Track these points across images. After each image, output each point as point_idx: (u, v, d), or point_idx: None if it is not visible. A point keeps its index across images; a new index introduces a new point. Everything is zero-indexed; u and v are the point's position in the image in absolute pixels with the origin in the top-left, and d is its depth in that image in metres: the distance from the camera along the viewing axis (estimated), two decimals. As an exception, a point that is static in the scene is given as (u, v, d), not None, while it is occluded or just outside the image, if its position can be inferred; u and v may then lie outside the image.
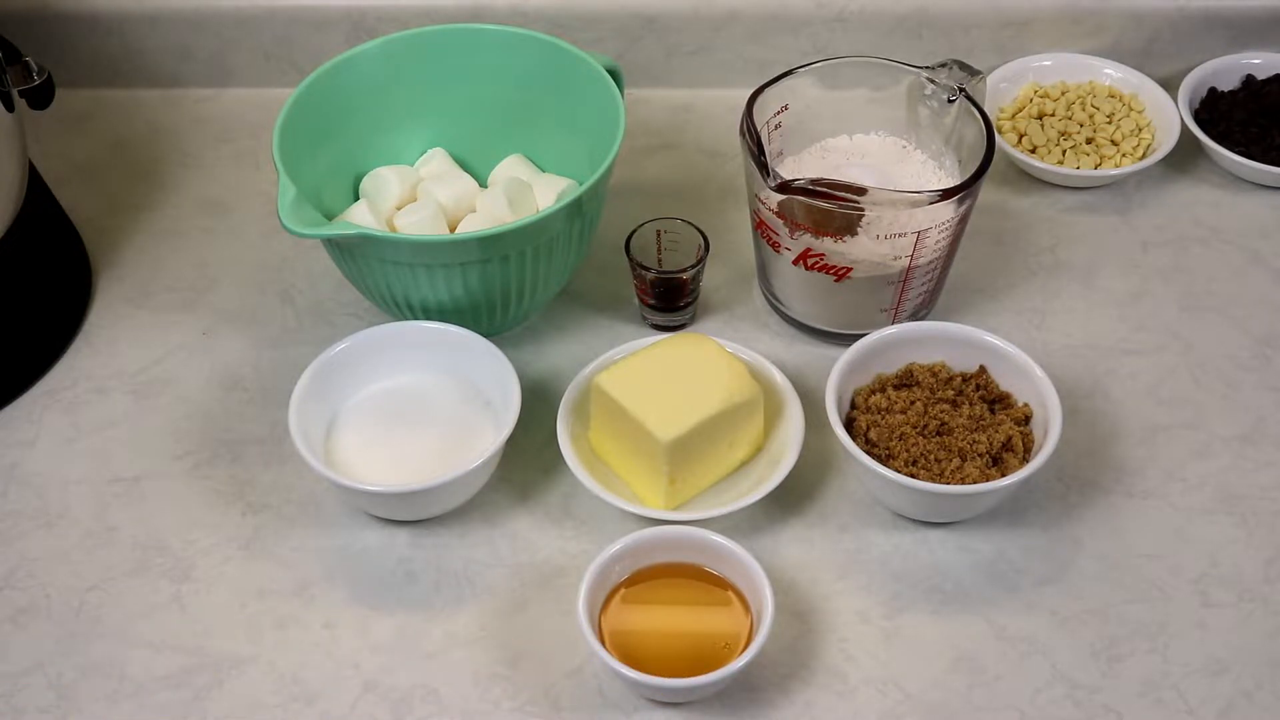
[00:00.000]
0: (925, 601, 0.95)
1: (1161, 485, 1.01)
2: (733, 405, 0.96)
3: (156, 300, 1.14)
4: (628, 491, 0.98)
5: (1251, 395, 1.06)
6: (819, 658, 0.92)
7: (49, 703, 0.90)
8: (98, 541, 0.99)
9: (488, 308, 1.04)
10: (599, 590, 0.90)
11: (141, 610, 0.95)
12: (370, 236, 0.98)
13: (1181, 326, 1.10)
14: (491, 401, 1.01)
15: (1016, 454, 0.97)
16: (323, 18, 1.27)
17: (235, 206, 1.21)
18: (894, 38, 1.26)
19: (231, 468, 1.03)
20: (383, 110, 1.12)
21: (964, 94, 1.04)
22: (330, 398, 1.01)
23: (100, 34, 1.28)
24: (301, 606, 0.95)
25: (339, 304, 1.13)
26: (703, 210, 1.16)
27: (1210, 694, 0.90)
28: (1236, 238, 1.17)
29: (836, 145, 1.09)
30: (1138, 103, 1.24)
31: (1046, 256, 1.15)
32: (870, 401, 1.00)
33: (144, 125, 1.29)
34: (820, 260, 1.02)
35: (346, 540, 0.98)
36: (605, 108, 1.06)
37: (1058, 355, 1.08)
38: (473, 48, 1.12)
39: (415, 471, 0.96)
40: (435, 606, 0.95)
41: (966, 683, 0.91)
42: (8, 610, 0.95)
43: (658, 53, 1.28)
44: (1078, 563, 0.96)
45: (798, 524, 0.99)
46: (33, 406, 1.07)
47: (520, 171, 1.12)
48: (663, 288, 1.08)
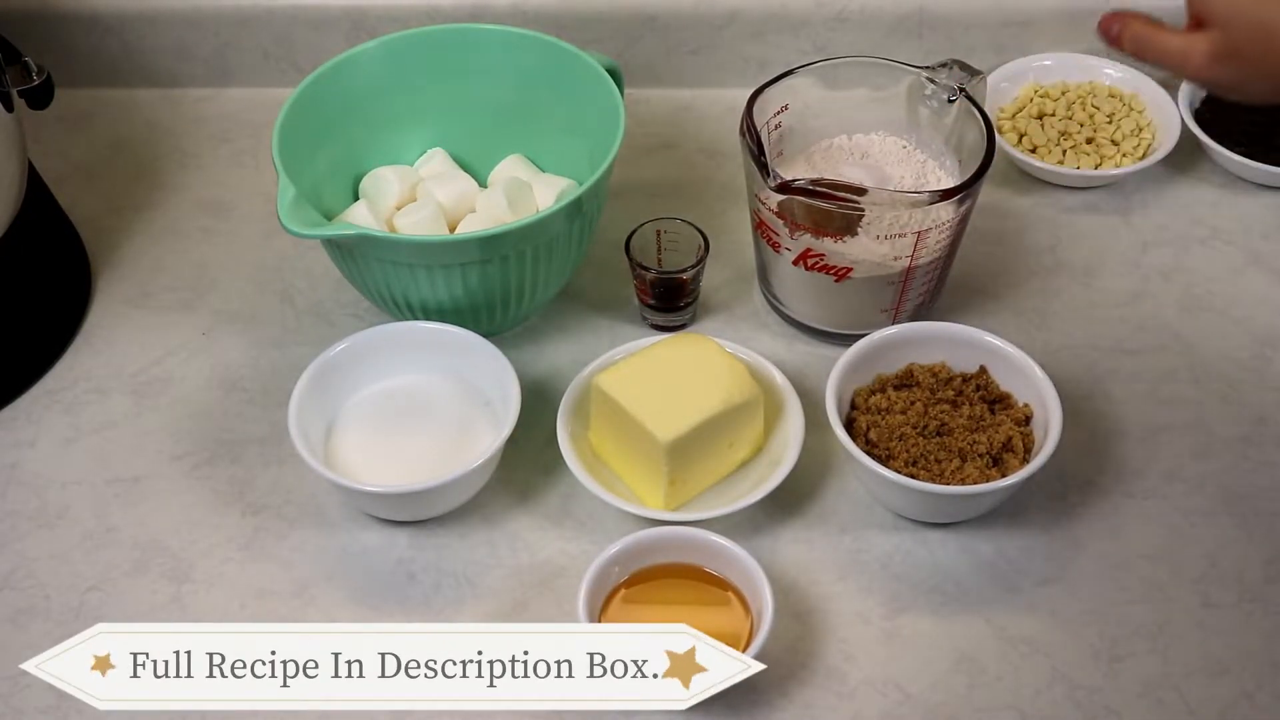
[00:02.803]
0: (925, 602, 0.94)
1: (1161, 485, 1.00)
2: (733, 405, 0.96)
3: (156, 300, 1.14)
4: (628, 492, 0.98)
5: (1251, 395, 1.06)
6: (819, 658, 0.92)
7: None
8: (98, 541, 0.99)
9: (488, 308, 1.04)
10: (599, 591, 0.90)
11: (141, 610, 0.95)
12: (370, 237, 0.98)
13: (1181, 326, 1.10)
14: (491, 401, 1.01)
15: (1016, 454, 0.97)
16: (323, 18, 1.27)
17: (235, 206, 1.21)
18: (894, 38, 1.26)
19: (231, 468, 1.02)
20: (383, 110, 1.12)
21: (964, 94, 1.03)
22: (330, 398, 1.01)
23: (100, 34, 1.28)
24: (301, 607, 0.95)
25: (339, 304, 1.13)
26: (703, 210, 1.16)
27: (1210, 695, 0.90)
28: (1236, 238, 1.16)
29: (836, 145, 1.09)
30: (1138, 102, 1.24)
31: (1047, 256, 1.15)
32: (870, 402, 1.00)
33: (144, 125, 1.29)
34: (820, 260, 1.02)
35: (346, 541, 0.98)
36: (605, 108, 1.06)
37: (1058, 355, 1.08)
38: (473, 48, 1.12)
39: (415, 472, 0.96)
40: (435, 607, 0.95)
41: (967, 683, 0.91)
42: (8, 610, 0.95)
43: (658, 53, 1.28)
44: (1078, 563, 0.96)
45: (798, 524, 0.99)
46: (32, 406, 1.07)
47: (520, 171, 1.12)
48: (663, 288, 1.08)
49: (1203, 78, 0.86)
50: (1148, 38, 0.86)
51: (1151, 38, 0.86)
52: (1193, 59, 0.84)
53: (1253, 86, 0.85)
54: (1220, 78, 0.85)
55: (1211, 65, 0.83)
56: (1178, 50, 0.85)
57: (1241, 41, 0.82)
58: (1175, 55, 0.85)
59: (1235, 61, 0.83)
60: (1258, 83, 0.84)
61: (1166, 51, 0.85)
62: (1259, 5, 0.81)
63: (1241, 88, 0.86)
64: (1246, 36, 0.82)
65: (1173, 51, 0.85)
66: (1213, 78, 0.85)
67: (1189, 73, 0.86)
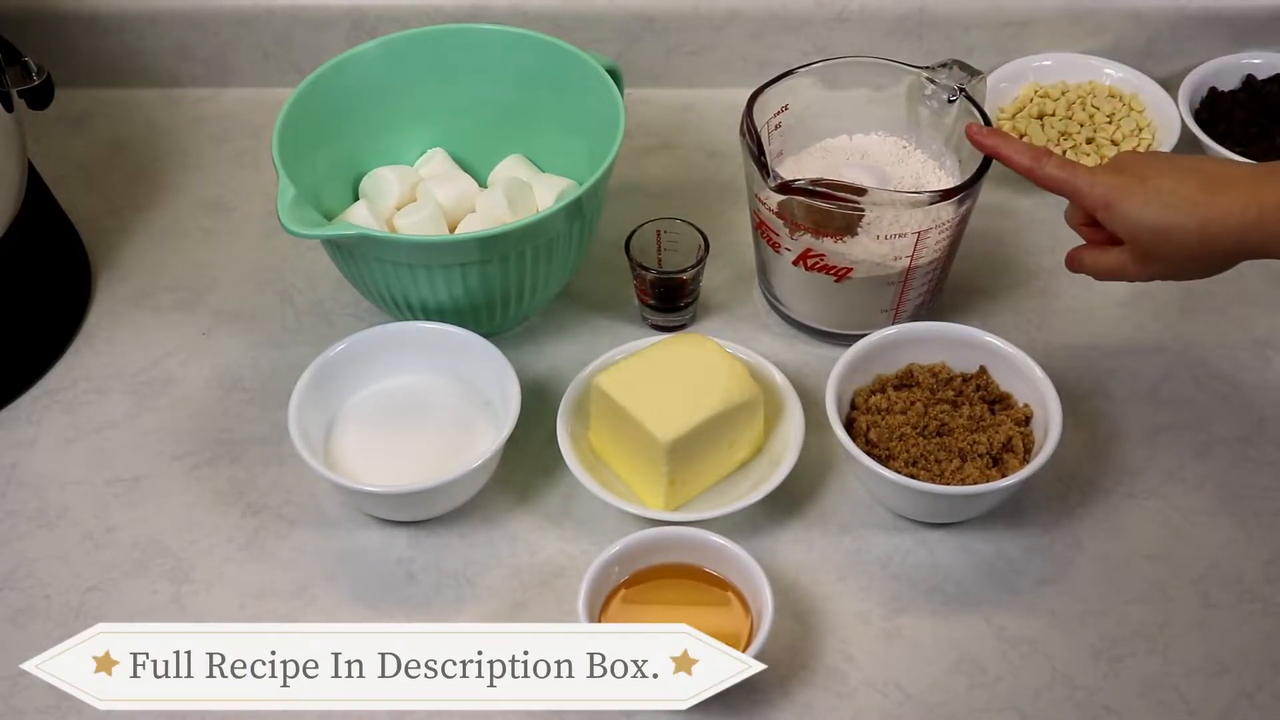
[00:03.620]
0: (925, 602, 0.94)
1: (1161, 485, 1.00)
2: (733, 406, 0.96)
3: (156, 300, 1.14)
4: (628, 492, 0.98)
5: (1251, 395, 1.06)
6: (819, 658, 0.92)
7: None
8: (97, 542, 0.99)
9: (488, 308, 1.04)
10: (599, 591, 0.90)
11: (141, 610, 0.95)
12: (370, 237, 0.98)
13: (1182, 326, 1.10)
14: (491, 402, 1.01)
15: (1016, 454, 0.97)
16: (323, 18, 1.27)
17: (235, 206, 1.21)
18: (894, 38, 1.26)
19: (231, 468, 1.02)
20: (383, 110, 1.12)
21: (964, 94, 1.03)
22: (330, 398, 1.01)
23: (100, 34, 1.28)
24: (301, 607, 0.95)
25: (339, 304, 1.13)
26: (703, 210, 1.16)
27: (1210, 695, 0.90)
28: (1237, 238, 1.16)
29: (836, 145, 1.09)
30: (1138, 103, 1.24)
31: (1047, 257, 1.15)
32: (870, 402, 1.00)
33: (144, 125, 1.29)
34: (820, 260, 1.02)
35: (346, 541, 0.98)
36: (605, 108, 1.06)
37: (1058, 355, 1.08)
38: (473, 48, 1.12)
39: (415, 472, 0.96)
40: (435, 607, 0.95)
41: (967, 683, 0.91)
42: (8, 610, 0.95)
43: (658, 53, 1.28)
44: (1078, 563, 0.96)
45: (798, 524, 0.99)
46: (32, 407, 1.07)
47: (520, 171, 1.12)
48: (663, 288, 1.08)
49: (1145, 280, 0.95)
50: (1088, 261, 0.96)
51: (1091, 260, 0.96)
52: (1129, 271, 0.93)
53: (1189, 272, 0.93)
54: (1158, 275, 0.94)
55: (1143, 271, 0.93)
56: (1117, 266, 0.94)
57: (1150, 248, 0.91)
58: (1116, 271, 0.94)
59: (1158, 263, 0.92)
60: (1189, 270, 0.93)
61: (1108, 269, 0.95)
62: (1149, 214, 0.90)
63: (1182, 275, 0.94)
64: (1152, 243, 0.91)
65: (1113, 268, 0.94)
66: (1153, 277, 0.94)
67: (1131, 280, 0.95)
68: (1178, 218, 0.88)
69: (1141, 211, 0.90)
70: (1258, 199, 0.86)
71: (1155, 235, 0.90)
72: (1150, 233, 0.90)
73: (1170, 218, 0.89)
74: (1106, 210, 0.91)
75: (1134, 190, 0.90)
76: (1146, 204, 0.89)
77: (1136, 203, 0.90)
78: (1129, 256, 0.93)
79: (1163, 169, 0.91)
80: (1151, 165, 0.92)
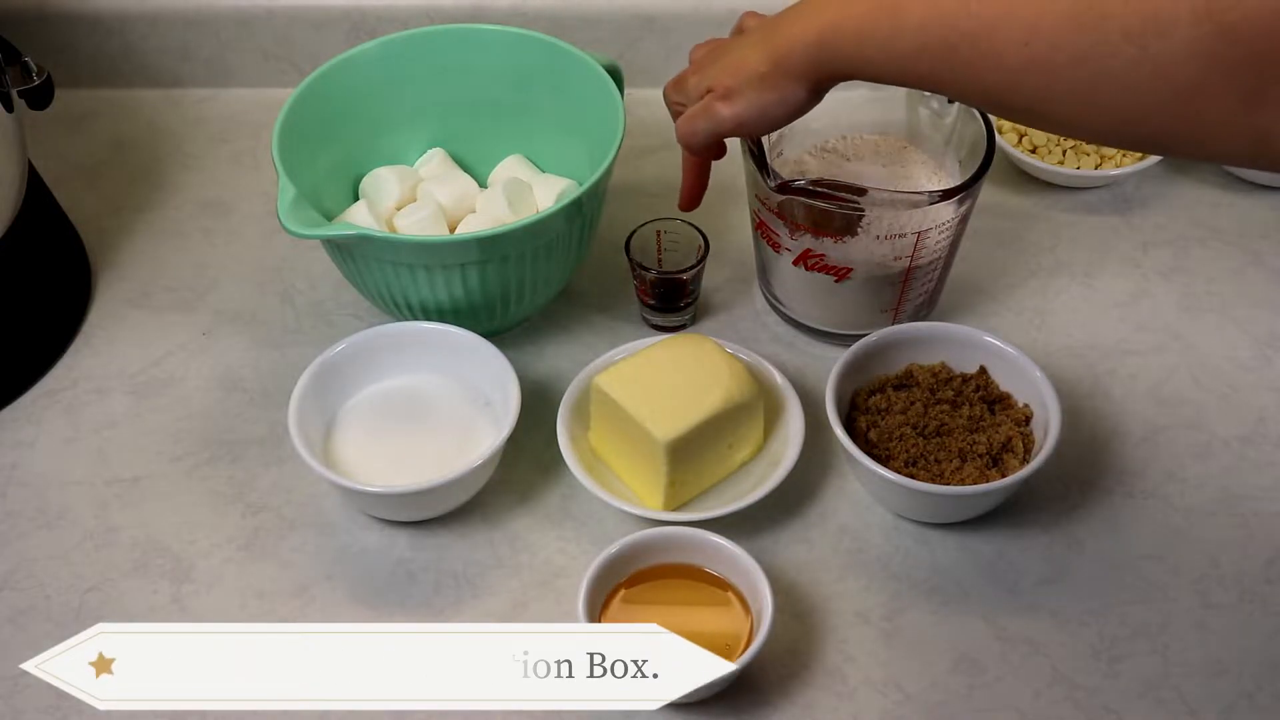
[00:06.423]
0: (925, 602, 0.94)
1: (1161, 485, 1.00)
2: (733, 406, 0.96)
3: (156, 300, 1.14)
4: (628, 492, 0.98)
5: (1251, 395, 1.06)
6: (819, 658, 0.92)
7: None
8: (97, 542, 0.99)
9: (487, 308, 1.04)
10: (599, 591, 0.90)
11: (141, 611, 0.95)
12: (370, 237, 0.98)
13: (1181, 326, 1.10)
14: (491, 402, 1.01)
15: (1016, 454, 0.97)
16: (323, 18, 1.27)
17: (235, 207, 1.21)
18: (894, 38, 1.26)
19: (231, 468, 1.02)
20: (383, 110, 1.12)
21: (964, 94, 1.03)
22: (330, 398, 1.01)
23: (100, 34, 1.28)
24: (301, 607, 0.95)
25: (339, 304, 1.13)
26: (703, 210, 1.15)
27: (1210, 695, 0.90)
28: (1236, 238, 1.16)
29: (836, 145, 1.09)
30: (1138, 102, 1.24)
31: (1047, 257, 1.15)
32: (870, 402, 1.00)
33: (144, 125, 1.29)
34: (820, 261, 1.02)
35: (346, 541, 0.98)
36: (605, 108, 1.06)
37: (1058, 355, 1.08)
38: (473, 48, 1.12)
39: (415, 472, 0.96)
40: (435, 607, 0.95)
41: (967, 683, 0.91)
42: (8, 610, 0.95)
43: (658, 53, 1.28)
44: (1078, 563, 0.96)
45: (798, 524, 0.99)
46: (32, 407, 1.07)
47: (520, 172, 1.12)
48: (663, 288, 1.08)
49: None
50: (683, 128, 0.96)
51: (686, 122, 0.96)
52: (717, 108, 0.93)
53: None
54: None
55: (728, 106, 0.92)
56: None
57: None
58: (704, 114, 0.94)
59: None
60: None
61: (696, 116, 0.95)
62: (745, 109, 0.91)
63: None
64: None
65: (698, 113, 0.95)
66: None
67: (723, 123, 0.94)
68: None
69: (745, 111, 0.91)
70: (816, 27, 0.86)
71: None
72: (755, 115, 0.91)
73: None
74: (726, 128, 0.93)
75: (722, 105, 0.91)
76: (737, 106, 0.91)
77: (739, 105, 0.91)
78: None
79: (727, 50, 0.93)
80: (718, 59, 0.93)
